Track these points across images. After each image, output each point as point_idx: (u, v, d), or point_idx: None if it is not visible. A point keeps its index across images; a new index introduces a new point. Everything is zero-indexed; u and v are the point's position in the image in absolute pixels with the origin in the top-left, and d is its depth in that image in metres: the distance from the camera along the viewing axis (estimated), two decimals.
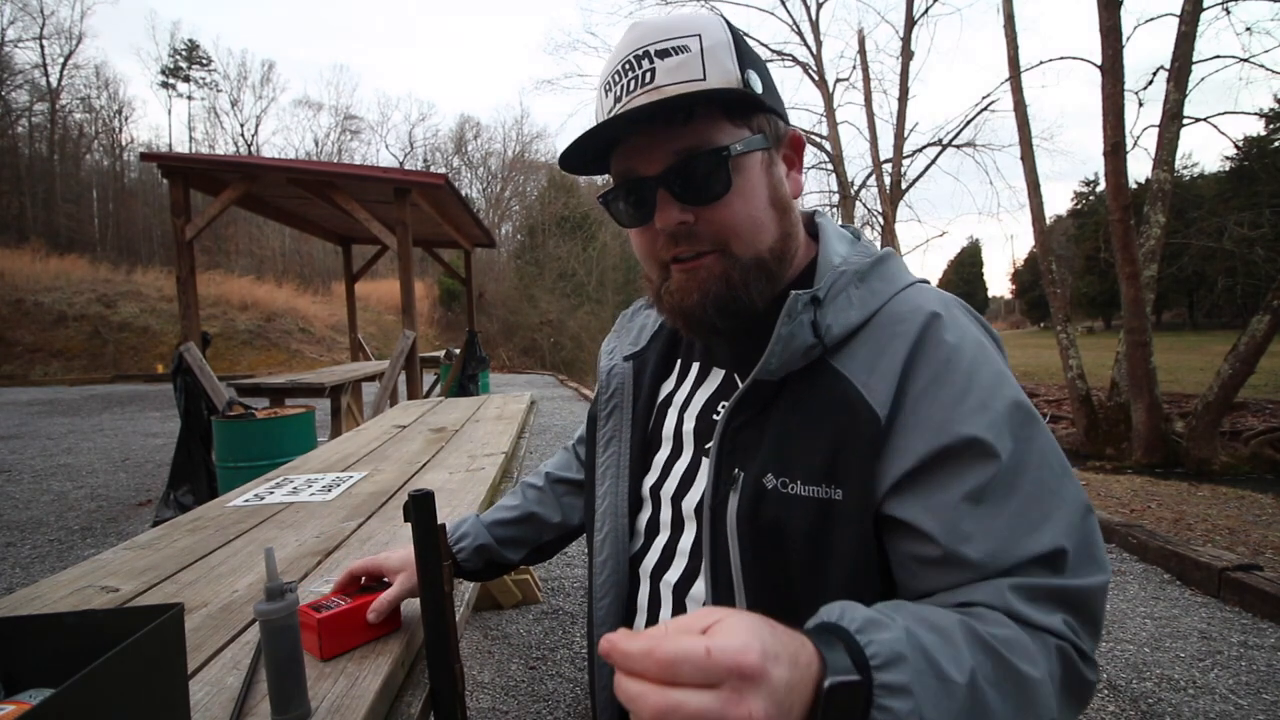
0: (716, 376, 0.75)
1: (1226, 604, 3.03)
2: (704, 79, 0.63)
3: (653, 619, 0.73)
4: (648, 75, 0.63)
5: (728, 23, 0.67)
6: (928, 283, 0.70)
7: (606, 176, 0.73)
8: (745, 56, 0.66)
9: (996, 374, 0.59)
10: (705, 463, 0.69)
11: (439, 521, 0.81)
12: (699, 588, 0.68)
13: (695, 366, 0.78)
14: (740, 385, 0.67)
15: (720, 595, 0.65)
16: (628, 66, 0.65)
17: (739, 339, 0.71)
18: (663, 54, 0.64)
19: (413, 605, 0.97)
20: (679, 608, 0.70)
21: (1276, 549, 3.62)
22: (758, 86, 0.65)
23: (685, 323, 0.69)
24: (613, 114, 0.65)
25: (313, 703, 0.74)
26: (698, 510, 0.68)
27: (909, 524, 0.57)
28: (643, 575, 0.75)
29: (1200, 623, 2.85)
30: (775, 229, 0.68)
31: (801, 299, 0.62)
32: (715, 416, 0.71)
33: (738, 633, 0.39)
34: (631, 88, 0.65)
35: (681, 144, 0.64)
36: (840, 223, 0.77)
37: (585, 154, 0.68)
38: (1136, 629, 2.81)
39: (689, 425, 0.74)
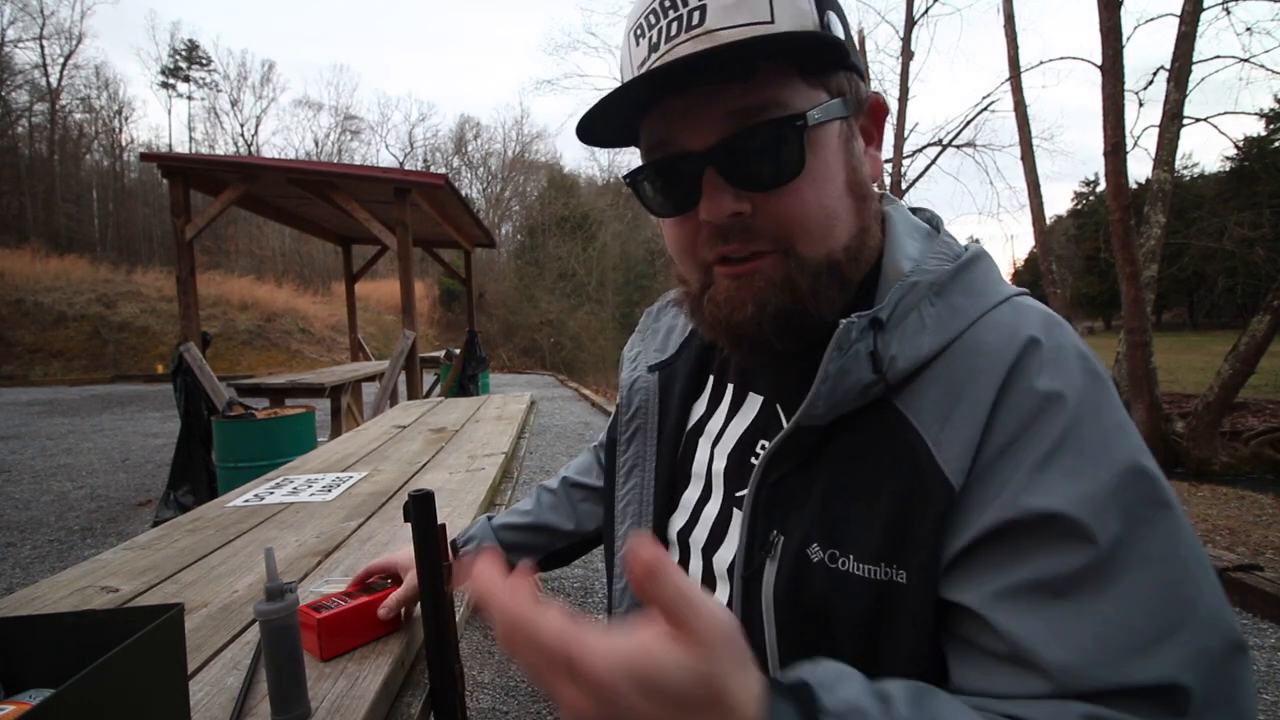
0: (753, 405, 0.61)
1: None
2: (771, 21, 0.47)
3: None
4: (695, 15, 0.48)
5: None
6: (1027, 293, 0.54)
7: (623, 155, 0.58)
8: None
9: (1109, 430, 0.44)
10: (737, 516, 0.57)
11: (439, 521, 0.81)
12: None
13: (730, 389, 0.64)
14: (782, 420, 0.55)
15: None
16: (667, 3, 0.49)
17: (782, 360, 0.56)
18: None
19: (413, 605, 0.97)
20: None
21: (1277, 549, 3.62)
22: (839, 33, 0.51)
23: (732, 341, 0.54)
24: (648, 67, 0.50)
25: (313, 703, 0.74)
26: (729, 571, 0.56)
27: (964, 608, 0.44)
28: None
29: None
30: (852, 221, 0.53)
31: (857, 325, 0.48)
32: (753, 459, 0.58)
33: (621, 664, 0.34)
34: (673, 31, 0.49)
35: (741, 107, 0.48)
36: (912, 207, 0.61)
37: (610, 121, 0.52)
38: None
39: (719, 464, 0.61)
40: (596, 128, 0.53)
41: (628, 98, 0.49)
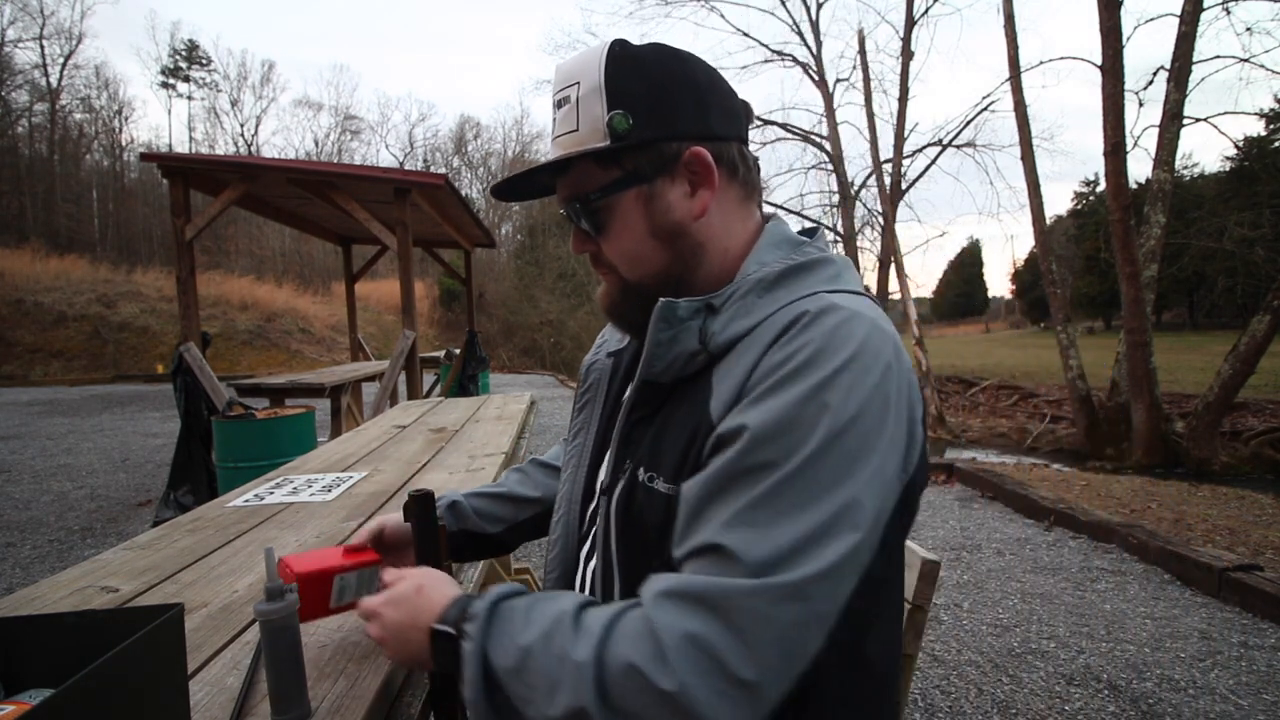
0: None
1: (1227, 604, 3.03)
2: (576, 129, 0.69)
3: None
4: (554, 124, 0.72)
5: (609, 57, 0.68)
6: (854, 292, 0.66)
7: None
8: (618, 94, 0.67)
9: (824, 380, 0.55)
10: (610, 455, 0.76)
11: (439, 521, 0.81)
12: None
13: None
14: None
15: (607, 579, 0.71)
16: (555, 97, 0.73)
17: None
18: (558, 104, 0.71)
19: None
20: (592, 592, 0.75)
21: (1277, 549, 3.62)
22: (624, 126, 0.67)
23: (608, 318, 0.79)
24: (519, 171, 0.75)
25: (313, 703, 0.74)
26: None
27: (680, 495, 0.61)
28: (580, 560, 0.80)
29: (1200, 623, 2.85)
30: (659, 257, 0.71)
31: (687, 307, 0.65)
32: None
33: (383, 593, 0.71)
34: (550, 130, 0.75)
35: (565, 192, 0.73)
36: (803, 227, 0.78)
37: (520, 189, 0.79)
38: (1137, 629, 2.81)
39: None
40: (510, 195, 0.79)
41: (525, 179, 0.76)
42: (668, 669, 0.50)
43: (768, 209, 0.80)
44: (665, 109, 0.69)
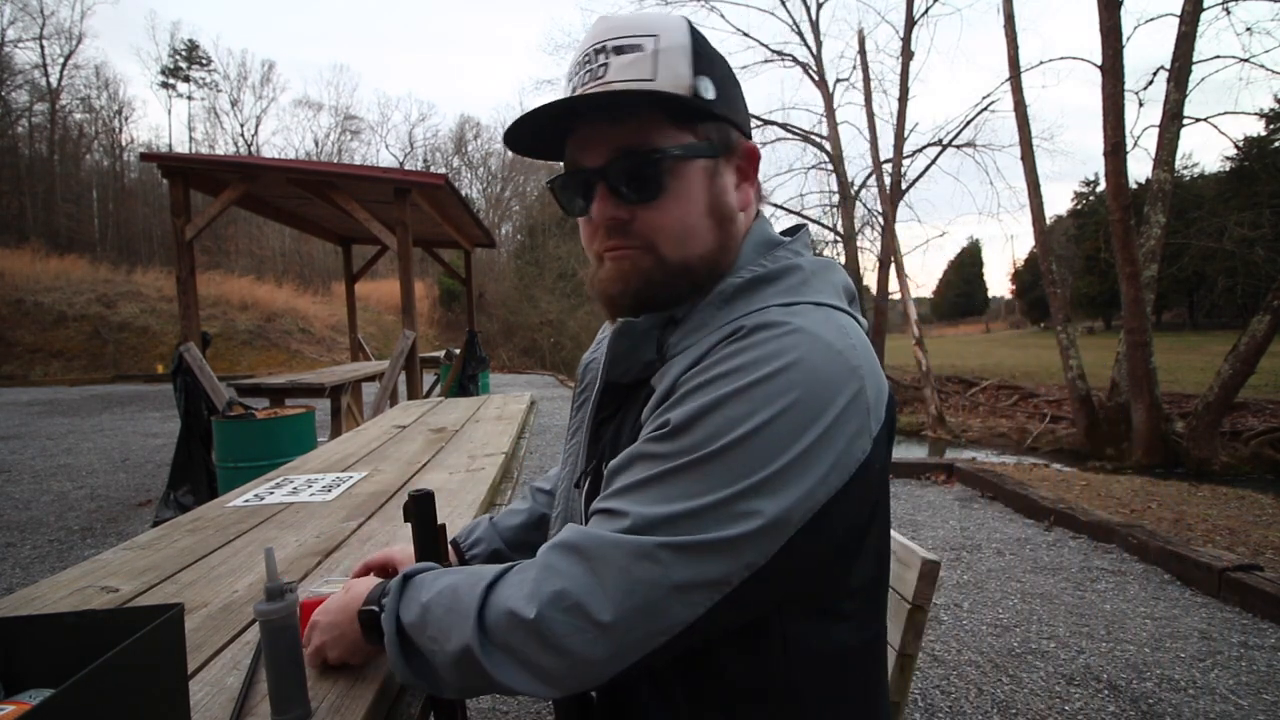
0: None
1: (1227, 604, 3.03)
2: (653, 79, 0.63)
3: None
4: (601, 70, 0.65)
5: (692, 27, 0.67)
6: (823, 304, 0.65)
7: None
8: (703, 62, 0.66)
9: (733, 392, 0.57)
10: (582, 452, 0.79)
11: (439, 521, 0.81)
12: None
13: None
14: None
15: None
16: (586, 60, 0.66)
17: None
18: (619, 50, 0.64)
19: None
20: None
21: (1277, 549, 3.62)
22: (709, 94, 0.66)
23: (608, 308, 0.72)
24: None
25: (313, 703, 0.74)
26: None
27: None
28: None
29: (1200, 623, 2.85)
30: (710, 238, 0.68)
31: (644, 321, 0.69)
32: None
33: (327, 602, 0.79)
34: (585, 81, 0.66)
35: (621, 140, 0.65)
36: (783, 230, 0.77)
37: (541, 140, 0.71)
38: (1136, 629, 2.81)
39: None
40: (526, 143, 0.71)
41: (556, 127, 0.68)
42: (533, 603, 0.56)
43: (768, 209, 0.80)
44: (732, 96, 0.69)
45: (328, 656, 0.77)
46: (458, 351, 8.73)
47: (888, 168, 13.53)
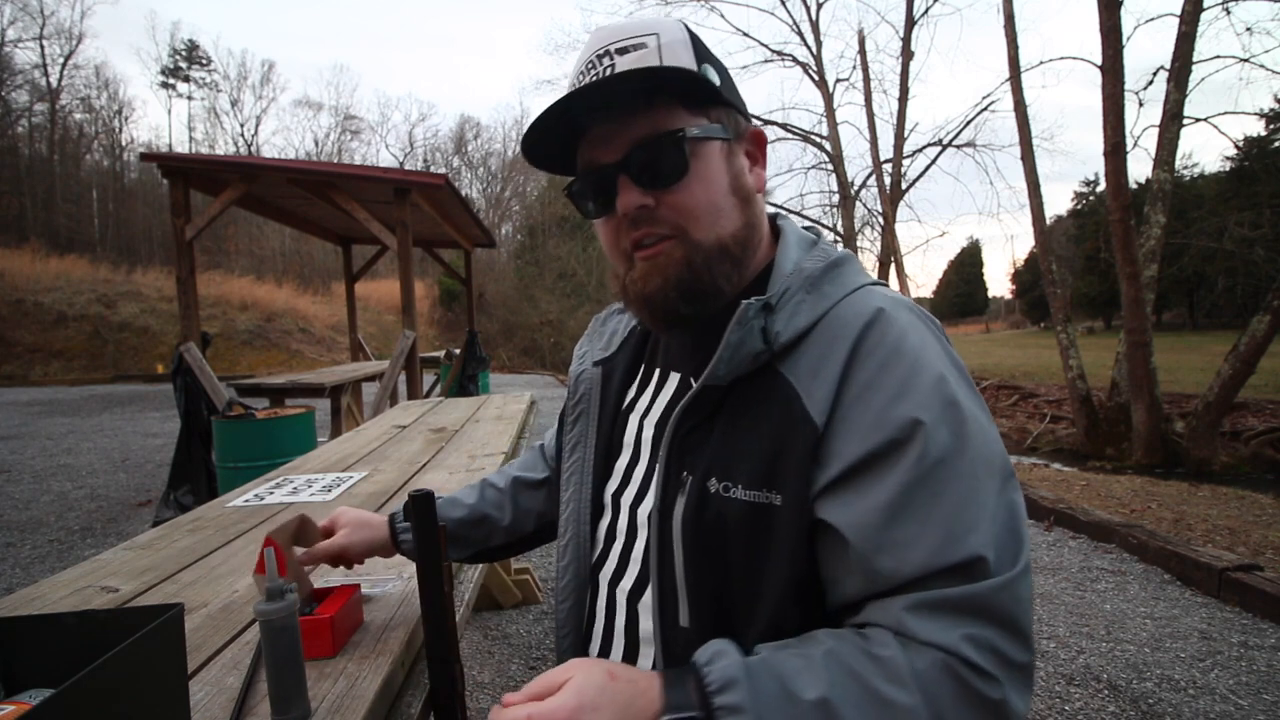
0: (673, 382, 0.75)
1: (1227, 604, 3.03)
2: (660, 63, 0.64)
3: (608, 625, 0.73)
4: (608, 70, 0.64)
5: (686, 26, 0.69)
6: (884, 284, 0.70)
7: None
8: (703, 54, 0.68)
9: (937, 377, 0.58)
10: (659, 470, 0.69)
11: (439, 522, 0.80)
12: (649, 596, 0.67)
13: (657, 372, 0.79)
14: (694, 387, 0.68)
15: (666, 602, 0.65)
16: (589, 66, 0.66)
17: (696, 343, 0.72)
18: (622, 50, 0.65)
19: (413, 605, 0.97)
20: (631, 615, 0.70)
21: (1276, 549, 3.61)
22: (715, 80, 0.67)
23: (649, 311, 0.68)
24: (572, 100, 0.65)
25: (313, 703, 0.74)
26: (650, 517, 0.68)
27: (833, 527, 0.57)
28: (601, 582, 0.75)
29: (1200, 623, 2.85)
30: (737, 216, 0.68)
31: (753, 306, 0.62)
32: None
33: (563, 693, 0.51)
34: (586, 80, 0.66)
35: (640, 130, 0.65)
36: (804, 224, 0.78)
37: (550, 147, 0.70)
38: (1137, 629, 2.81)
39: (648, 432, 0.75)
40: (538, 151, 0.70)
41: (563, 129, 0.67)
42: (991, 684, 0.51)
43: (768, 209, 0.80)
44: (733, 87, 0.71)
45: None
46: (458, 351, 8.73)
47: (888, 168, 13.53)
